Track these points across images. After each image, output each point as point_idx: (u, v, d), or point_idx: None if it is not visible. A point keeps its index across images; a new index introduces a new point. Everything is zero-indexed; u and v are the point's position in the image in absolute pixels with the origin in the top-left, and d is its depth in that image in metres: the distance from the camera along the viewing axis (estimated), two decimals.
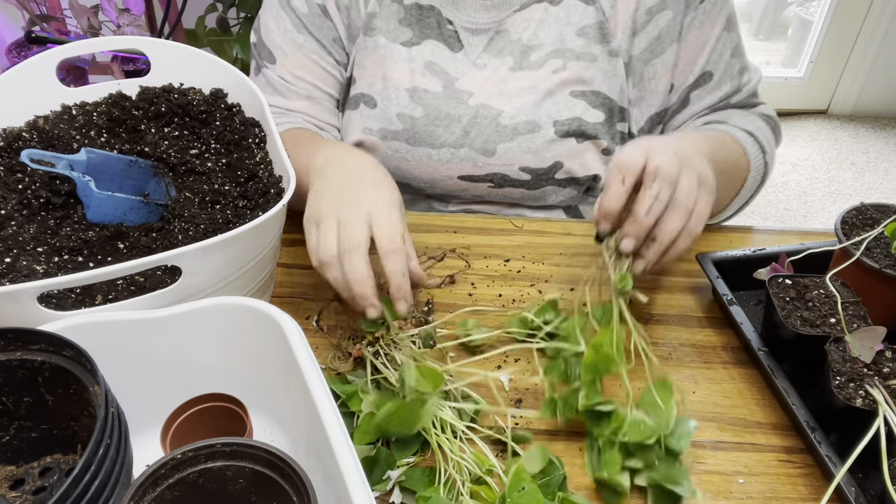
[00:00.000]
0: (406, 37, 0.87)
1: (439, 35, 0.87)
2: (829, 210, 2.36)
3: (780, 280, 0.67)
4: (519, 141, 0.86)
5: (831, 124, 2.79)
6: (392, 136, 0.90)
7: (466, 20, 0.86)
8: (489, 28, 0.86)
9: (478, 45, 0.87)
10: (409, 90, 0.88)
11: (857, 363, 0.59)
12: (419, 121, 0.88)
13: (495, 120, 0.87)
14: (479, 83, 0.87)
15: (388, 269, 0.63)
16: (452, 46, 0.87)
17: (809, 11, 2.83)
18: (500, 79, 0.86)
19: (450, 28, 0.87)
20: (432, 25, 0.87)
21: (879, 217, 0.71)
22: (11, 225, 0.62)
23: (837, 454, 0.56)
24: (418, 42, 0.87)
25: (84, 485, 0.39)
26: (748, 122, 0.86)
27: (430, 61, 0.88)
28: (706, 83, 0.86)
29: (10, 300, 0.50)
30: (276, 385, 0.56)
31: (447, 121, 0.88)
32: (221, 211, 0.65)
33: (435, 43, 0.87)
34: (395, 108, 0.88)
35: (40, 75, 0.72)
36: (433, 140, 0.89)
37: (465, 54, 0.87)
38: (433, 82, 0.88)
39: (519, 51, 0.86)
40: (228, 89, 0.77)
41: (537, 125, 0.86)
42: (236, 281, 0.61)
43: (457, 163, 0.89)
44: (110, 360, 0.49)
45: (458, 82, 0.87)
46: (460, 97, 0.88)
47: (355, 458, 0.44)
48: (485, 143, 0.88)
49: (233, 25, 1.86)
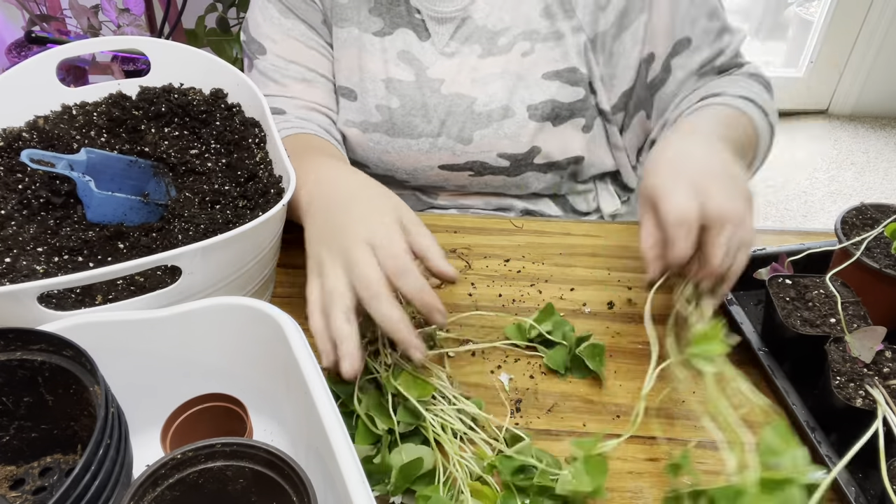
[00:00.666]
0: (377, 27, 0.88)
1: (409, 23, 0.87)
2: (829, 210, 2.37)
3: (780, 280, 0.67)
4: (494, 127, 0.87)
5: (831, 124, 2.79)
6: (372, 128, 0.90)
7: (432, 9, 0.86)
8: (455, 17, 0.86)
9: (444, 34, 0.87)
10: (385, 81, 0.88)
11: (857, 363, 0.59)
12: (396, 112, 0.89)
13: (469, 108, 0.87)
14: (450, 72, 0.87)
15: (405, 292, 0.58)
16: (420, 35, 0.87)
17: (809, 11, 2.83)
18: (471, 66, 0.87)
19: (418, 17, 0.87)
20: (402, 14, 0.87)
21: (879, 217, 0.71)
22: (11, 225, 0.62)
23: (837, 454, 0.56)
24: (390, 32, 0.88)
25: (84, 485, 0.39)
26: (742, 87, 0.83)
27: (402, 50, 0.88)
28: (685, 49, 0.85)
29: (10, 300, 0.50)
30: (276, 385, 0.56)
31: (423, 110, 0.88)
32: (221, 211, 0.65)
33: (406, 31, 0.87)
34: (373, 99, 0.89)
35: (40, 75, 0.72)
36: (411, 130, 0.89)
37: (433, 43, 0.87)
38: (406, 72, 0.88)
39: (486, 37, 0.86)
40: (228, 89, 0.77)
41: (511, 110, 0.86)
42: (236, 281, 0.61)
43: (436, 152, 0.90)
44: (110, 360, 0.49)
45: (428, 70, 0.88)
46: (432, 85, 0.88)
47: (355, 458, 0.44)
48: (461, 131, 0.88)
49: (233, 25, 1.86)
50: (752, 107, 0.82)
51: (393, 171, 0.93)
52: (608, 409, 0.64)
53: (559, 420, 0.63)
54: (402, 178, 0.94)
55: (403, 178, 0.94)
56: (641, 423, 0.62)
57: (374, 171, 0.96)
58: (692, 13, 0.83)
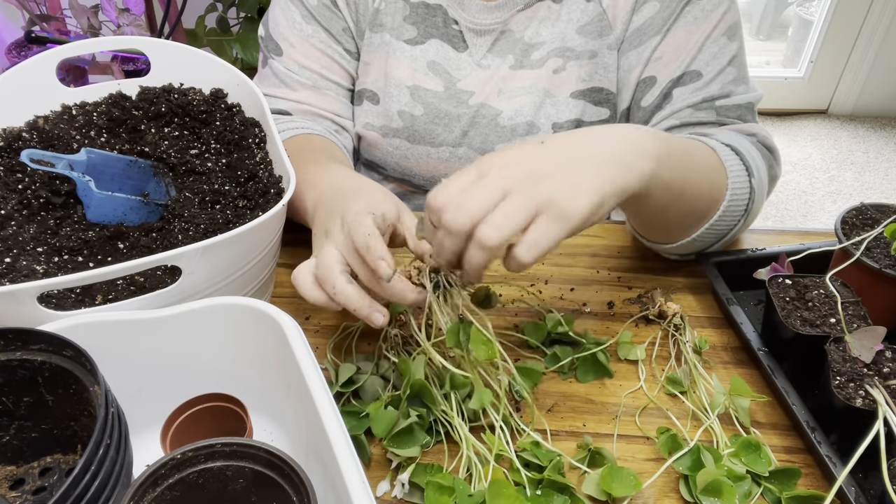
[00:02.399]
0: (410, 35, 0.87)
1: (444, 34, 0.87)
2: (829, 210, 2.37)
3: (780, 280, 0.67)
4: (517, 142, 0.86)
5: (831, 124, 2.79)
6: (393, 133, 0.90)
7: (471, 21, 0.86)
8: (494, 29, 0.85)
9: (482, 45, 0.86)
10: (411, 88, 0.88)
11: (857, 363, 0.59)
12: (419, 119, 0.88)
13: (494, 120, 0.87)
14: (480, 83, 0.87)
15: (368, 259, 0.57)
16: (457, 46, 0.87)
17: (809, 11, 2.84)
18: (501, 77, 0.86)
19: (455, 28, 0.86)
20: (438, 24, 0.87)
21: (879, 217, 0.71)
22: (11, 225, 0.62)
23: (837, 454, 0.56)
24: (422, 41, 0.87)
25: (84, 485, 0.39)
26: (733, 138, 0.75)
27: (433, 61, 0.88)
28: (693, 81, 0.80)
29: (10, 300, 0.50)
30: (276, 385, 0.56)
31: (447, 120, 0.88)
32: (221, 211, 0.65)
33: (439, 43, 0.87)
34: (396, 105, 0.89)
35: (40, 75, 0.72)
36: (433, 139, 0.89)
37: (470, 54, 0.87)
38: (435, 82, 0.88)
39: (520, 49, 0.85)
40: (228, 89, 0.77)
41: (535, 126, 0.86)
42: (236, 281, 0.61)
43: (455, 162, 0.90)
44: (110, 360, 0.49)
45: (459, 83, 0.87)
46: (461, 97, 0.88)
47: (355, 458, 0.44)
48: (483, 143, 0.88)
49: (233, 25, 1.86)
50: (732, 155, 0.72)
51: (410, 176, 0.93)
52: (608, 409, 0.64)
53: (559, 420, 0.63)
54: (419, 184, 0.94)
55: (420, 184, 0.94)
56: (641, 423, 0.62)
57: (391, 174, 0.96)
58: (712, 51, 0.79)
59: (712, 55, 0.79)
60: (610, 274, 0.80)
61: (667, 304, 0.72)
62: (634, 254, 0.83)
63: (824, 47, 2.71)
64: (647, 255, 0.82)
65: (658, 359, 0.68)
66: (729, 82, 0.80)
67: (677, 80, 0.80)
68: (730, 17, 0.80)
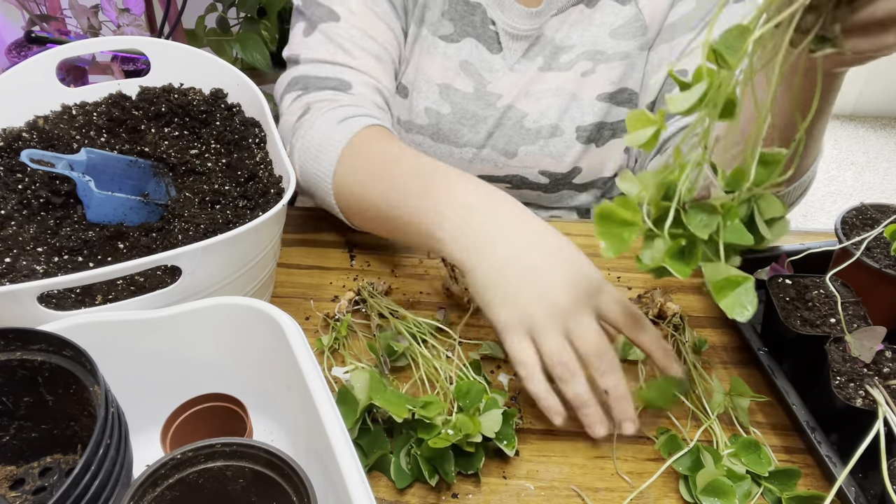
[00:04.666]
0: (446, 31, 0.86)
1: (480, 34, 0.85)
2: (829, 210, 2.37)
3: (780, 280, 0.67)
4: (540, 144, 0.86)
5: (831, 124, 2.78)
6: (417, 129, 0.89)
7: (509, 24, 0.84)
8: (530, 34, 0.85)
9: (517, 50, 0.85)
10: (440, 86, 0.87)
11: (857, 363, 0.59)
12: (445, 118, 0.87)
13: (519, 122, 0.86)
14: (510, 85, 0.86)
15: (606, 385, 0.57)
16: (491, 48, 0.86)
17: None
18: (529, 79, 0.86)
19: (492, 29, 0.85)
20: (475, 23, 0.85)
21: (879, 217, 0.71)
22: (11, 225, 0.62)
23: (837, 454, 0.56)
24: (457, 39, 0.86)
25: (84, 485, 0.39)
26: None
27: (465, 61, 0.86)
28: None
29: (10, 300, 0.50)
30: (276, 385, 0.56)
31: (473, 121, 0.87)
32: (221, 211, 0.65)
33: (474, 42, 0.86)
34: (424, 101, 0.87)
35: (40, 75, 0.72)
36: (457, 138, 0.88)
37: (503, 58, 0.86)
38: (465, 82, 0.87)
39: (550, 51, 0.85)
40: (228, 89, 0.77)
41: (560, 129, 0.85)
42: (236, 281, 0.61)
43: (478, 163, 0.89)
44: (110, 360, 0.49)
45: (490, 85, 0.86)
46: (489, 99, 0.87)
47: (355, 458, 0.44)
48: (507, 145, 0.87)
49: (233, 25, 1.86)
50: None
51: None
52: None
53: None
54: None
55: None
56: (641, 424, 0.62)
57: None
58: None
59: None
60: (610, 274, 0.80)
61: (666, 305, 0.72)
62: (634, 254, 0.83)
63: None
64: None
65: None
66: None
67: None
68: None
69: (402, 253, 0.82)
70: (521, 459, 0.59)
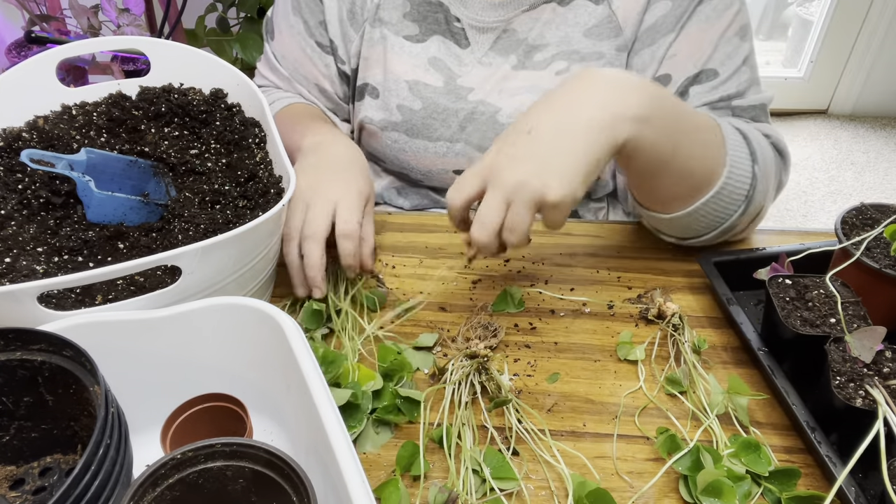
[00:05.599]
0: (411, 31, 0.88)
1: (446, 31, 0.87)
2: (829, 210, 2.37)
3: (780, 280, 0.67)
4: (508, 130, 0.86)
5: (831, 124, 2.79)
6: (392, 126, 0.91)
7: (474, 18, 0.86)
8: (496, 27, 0.86)
9: (484, 43, 0.87)
10: (410, 83, 0.88)
11: (857, 363, 0.59)
12: (417, 113, 0.89)
13: (493, 117, 0.87)
14: (480, 79, 0.87)
15: (340, 249, 0.71)
16: (459, 42, 0.87)
17: (809, 11, 2.83)
18: (502, 76, 0.86)
19: (457, 25, 0.87)
20: (440, 21, 0.87)
21: (879, 217, 0.71)
22: (11, 225, 0.62)
23: (837, 454, 0.56)
24: (423, 39, 0.88)
25: (84, 485, 0.39)
26: (745, 127, 0.76)
27: (434, 57, 0.88)
28: (709, 80, 0.80)
29: (10, 300, 0.50)
30: (276, 385, 0.56)
31: (444, 115, 0.88)
32: (221, 211, 0.65)
33: (441, 39, 0.87)
34: (396, 99, 0.89)
35: (40, 75, 0.72)
36: (430, 133, 0.89)
37: (472, 52, 0.87)
38: (435, 77, 0.88)
39: (523, 50, 0.85)
40: (228, 89, 0.77)
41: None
42: (236, 281, 0.61)
43: (452, 157, 0.90)
44: (110, 360, 0.49)
45: (460, 79, 0.88)
46: (460, 92, 0.88)
47: (355, 458, 0.44)
48: (481, 140, 0.88)
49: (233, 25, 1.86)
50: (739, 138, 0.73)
51: (408, 170, 0.94)
52: (608, 408, 0.64)
53: (559, 420, 0.63)
54: (416, 178, 0.95)
55: (417, 178, 0.95)
56: (641, 424, 0.62)
57: (390, 167, 0.96)
58: (727, 50, 0.79)
59: (727, 54, 0.80)
60: (610, 274, 0.80)
61: (666, 304, 0.72)
62: (634, 254, 0.83)
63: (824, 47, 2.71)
64: (647, 256, 0.82)
65: (657, 359, 0.69)
66: (743, 82, 0.81)
67: (694, 78, 0.81)
68: (741, 17, 0.80)
69: (403, 253, 0.82)
70: (521, 459, 0.59)
